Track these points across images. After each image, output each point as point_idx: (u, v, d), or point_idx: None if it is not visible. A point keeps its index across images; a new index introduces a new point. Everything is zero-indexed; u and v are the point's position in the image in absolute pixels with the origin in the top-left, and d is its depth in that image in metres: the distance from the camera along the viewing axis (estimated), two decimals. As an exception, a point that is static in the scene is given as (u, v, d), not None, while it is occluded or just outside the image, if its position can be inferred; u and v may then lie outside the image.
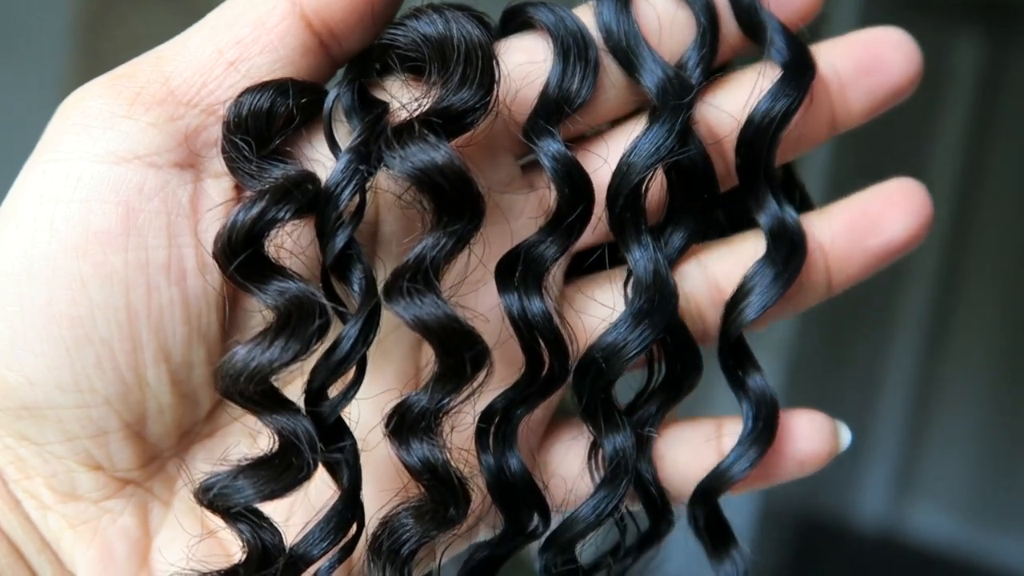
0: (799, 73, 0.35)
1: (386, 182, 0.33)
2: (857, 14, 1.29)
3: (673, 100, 0.34)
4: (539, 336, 0.33)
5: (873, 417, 1.95)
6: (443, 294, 0.31)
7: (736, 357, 0.37)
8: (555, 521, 0.36)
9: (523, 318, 0.33)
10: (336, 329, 0.31)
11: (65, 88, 0.32)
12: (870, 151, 1.40)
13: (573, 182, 0.33)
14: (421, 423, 0.31)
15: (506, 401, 0.34)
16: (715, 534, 0.37)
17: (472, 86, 0.31)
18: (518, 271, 0.33)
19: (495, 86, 0.32)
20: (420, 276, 0.31)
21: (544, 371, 0.34)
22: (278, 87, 0.31)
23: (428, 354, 0.35)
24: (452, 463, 0.32)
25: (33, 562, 0.32)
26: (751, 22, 0.36)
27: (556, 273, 0.36)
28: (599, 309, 0.36)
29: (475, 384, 0.32)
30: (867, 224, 0.37)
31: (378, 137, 0.31)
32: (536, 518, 0.35)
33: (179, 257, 0.31)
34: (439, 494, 0.32)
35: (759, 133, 0.35)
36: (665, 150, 0.34)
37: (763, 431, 0.36)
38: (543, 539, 0.36)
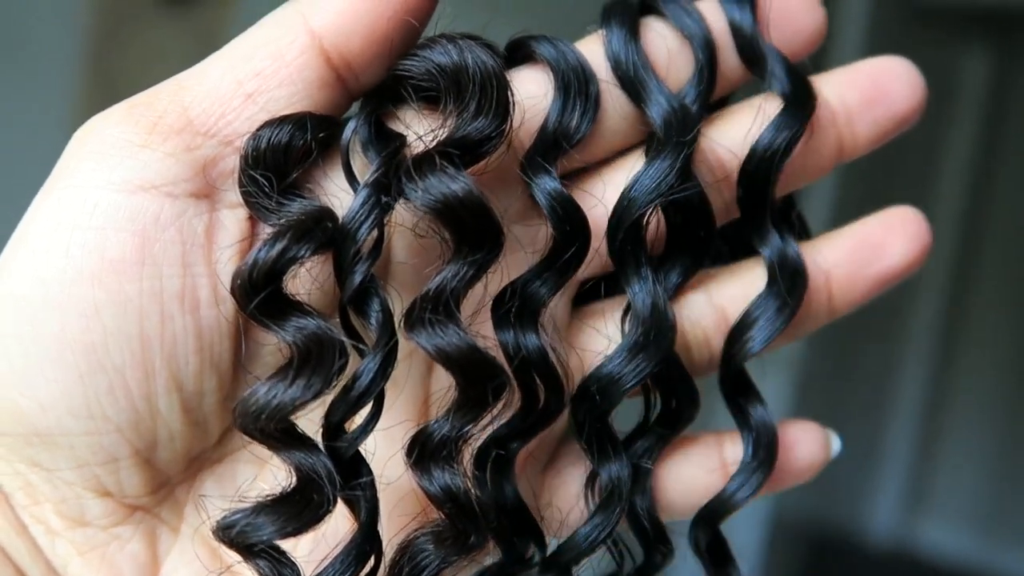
0: (800, 105, 0.35)
1: (401, 214, 0.33)
2: (865, 29, 1.30)
3: (677, 135, 0.34)
4: (534, 372, 0.33)
5: (884, 431, 1.94)
6: (463, 324, 0.31)
7: (738, 388, 0.37)
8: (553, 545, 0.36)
9: (518, 354, 0.33)
10: (353, 363, 0.31)
11: (76, 105, 0.32)
12: (878, 164, 1.40)
13: (568, 220, 0.33)
14: (442, 451, 0.32)
15: (502, 435, 0.34)
16: (716, 556, 0.38)
17: (488, 115, 0.31)
18: (514, 307, 0.33)
19: (510, 115, 0.32)
20: (441, 307, 0.31)
21: (540, 406, 0.34)
22: (296, 121, 0.31)
23: (439, 382, 0.35)
24: (473, 490, 0.32)
25: None
26: (752, 53, 0.36)
27: (560, 303, 0.36)
28: (599, 340, 0.37)
29: (495, 412, 0.32)
30: (869, 251, 0.38)
31: (396, 170, 0.31)
32: (532, 547, 0.35)
33: (193, 287, 0.31)
34: (461, 522, 0.32)
35: (761, 165, 0.35)
36: (666, 186, 0.34)
37: (764, 460, 0.37)
38: (540, 563, 0.36)
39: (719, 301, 0.37)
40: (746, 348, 0.36)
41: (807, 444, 0.38)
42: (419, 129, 0.33)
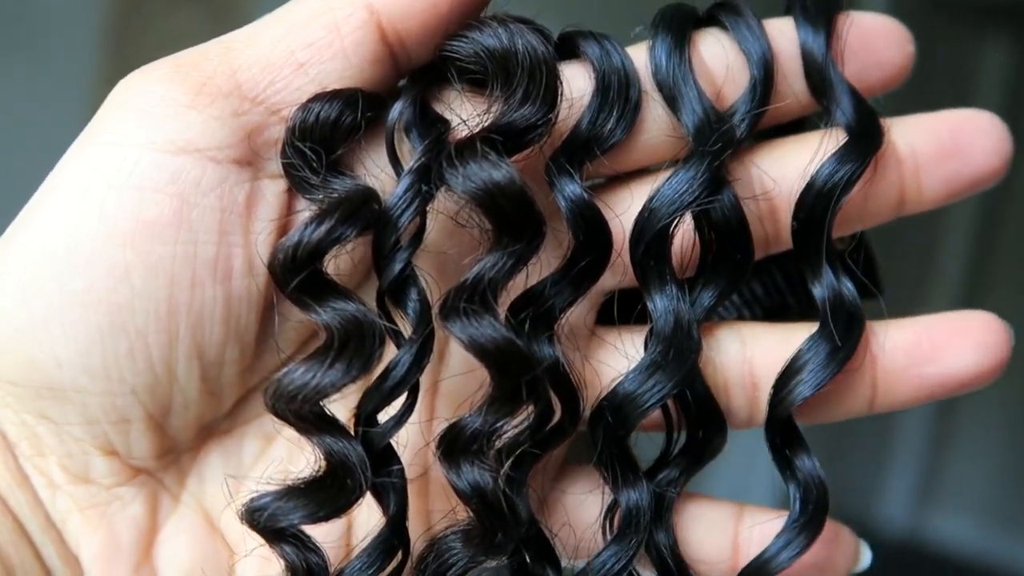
0: (865, 139, 0.33)
1: (442, 202, 0.32)
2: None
3: (709, 144, 0.32)
4: (549, 384, 0.32)
5: (895, 423, 1.94)
6: (500, 316, 0.30)
7: (784, 437, 0.34)
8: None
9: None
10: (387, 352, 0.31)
11: (93, 89, 0.32)
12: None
13: (587, 227, 0.32)
14: (472, 446, 0.31)
15: (514, 445, 0.33)
16: None
17: (535, 103, 0.31)
18: (529, 314, 0.32)
19: (558, 103, 0.31)
20: (478, 297, 0.30)
21: (554, 418, 0.33)
22: (347, 98, 0.31)
23: (448, 369, 0.35)
24: (503, 488, 0.31)
25: (37, 540, 0.31)
26: (821, 81, 0.34)
27: (583, 316, 0.35)
28: (621, 360, 0.35)
29: (530, 409, 0.31)
30: (929, 349, 0.34)
31: (438, 156, 0.30)
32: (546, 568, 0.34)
33: (227, 256, 0.31)
34: (488, 519, 0.31)
35: (819, 199, 0.33)
36: (690, 196, 0.32)
37: (812, 519, 0.34)
38: None
39: (751, 353, 0.35)
40: (794, 394, 0.33)
41: (837, 548, 0.35)
42: (463, 113, 0.32)
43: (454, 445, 0.31)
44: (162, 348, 0.31)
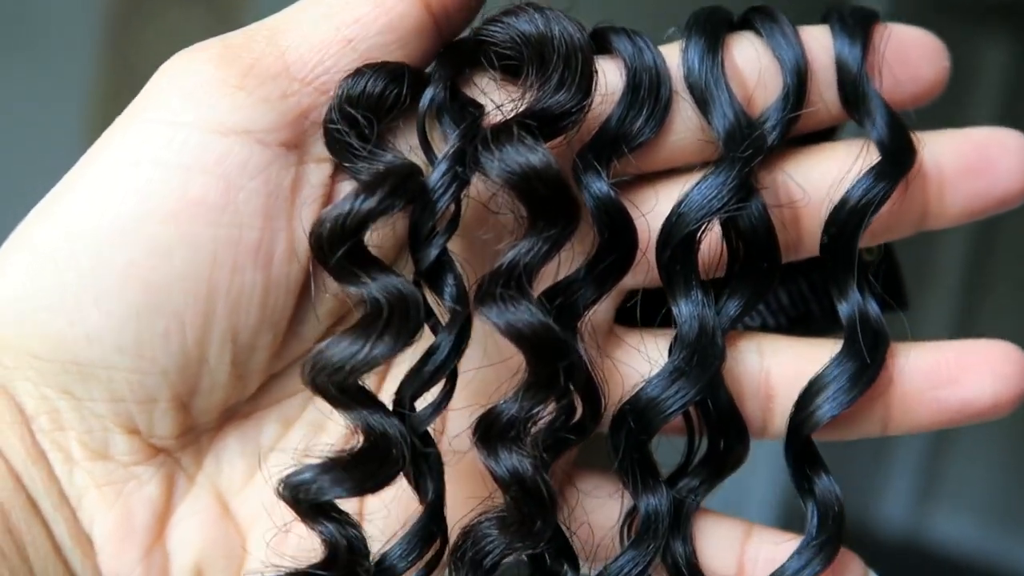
0: (898, 158, 0.33)
1: (475, 188, 0.32)
2: (885, 18, 1.29)
3: (739, 150, 0.32)
4: (571, 382, 0.32)
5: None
6: (535, 301, 0.30)
7: (803, 454, 0.34)
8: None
9: None
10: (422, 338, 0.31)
11: (93, 87, 0.32)
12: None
13: (613, 225, 0.32)
14: (510, 432, 0.31)
15: (548, 436, 0.32)
16: None
17: (570, 89, 0.31)
18: (552, 311, 0.32)
19: (593, 90, 0.31)
20: (514, 282, 0.30)
21: (575, 415, 0.33)
22: (394, 71, 0.31)
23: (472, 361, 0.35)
24: (541, 474, 0.31)
25: (49, 518, 0.31)
26: (854, 93, 0.33)
27: (602, 313, 0.35)
28: (640, 362, 0.34)
29: (569, 395, 0.31)
30: (947, 374, 0.34)
31: (473, 140, 0.30)
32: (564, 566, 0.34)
33: (270, 241, 0.31)
34: (526, 506, 0.31)
35: (852, 215, 0.33)
36: (719, 202, 0.32)
37: (829, 540, 0.33)
38: None
39: (768, 365, 0.35)
40: (818, 415, 0.33)
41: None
42: (497, 98, 0.32)
43: (490, 431, 0.31)
44: (196, 330, 0.30)
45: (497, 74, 0.32)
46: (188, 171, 0.30)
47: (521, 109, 0.31)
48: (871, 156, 0.33)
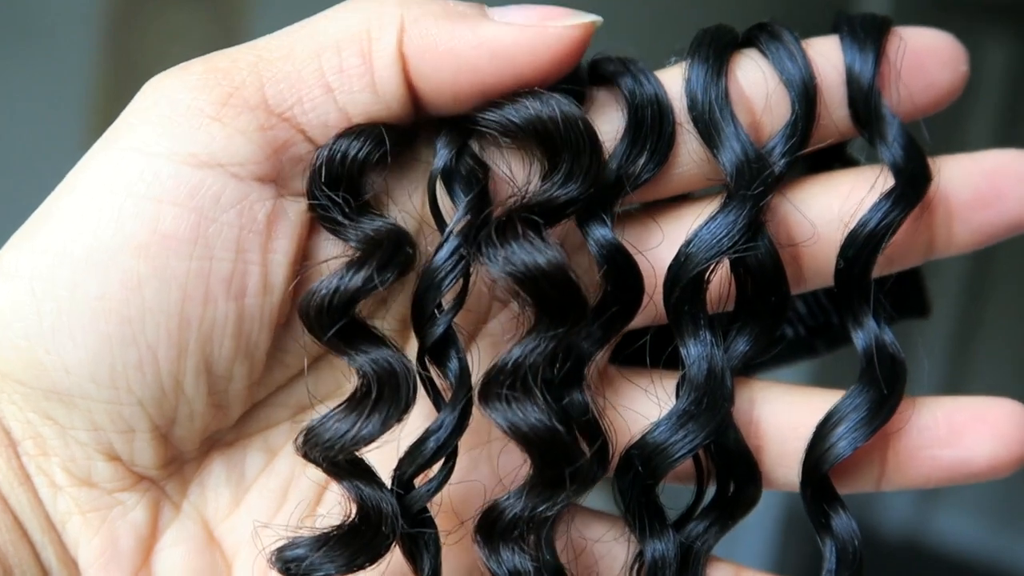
0: (915, 181, 0.32)
1: (483, 269, 0.31)
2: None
3: (748, 187, 0.31)
4: (577, 430, 0.31)
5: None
6: (541, 402, 0.30)
7: (819, 491, 0.33)
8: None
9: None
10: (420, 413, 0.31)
11: (94, 87, 0.31)
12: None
13: (619, 273, 0.31)
14: (512, 532, 0.30)
15: (541, 510, 0.32)
16: None
17: (579, 180, 0.30)
18: (558, 359, 0.31)
19: (601, 177, 0.30)
20: (519, 382, 0.29)
21: (584, 484, 0.32)
22: (374, 135, 0.30)
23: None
24: (545, 573, 0.30)
25: (36, 541, 0.31)
26: (866, 111, 0.32)
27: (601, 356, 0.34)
28: (647, 403, 0.34)
29: (573, 495, 0.30)
30: (945, 432, 0.33)
31: (480, 226, 0.30)
32: None
33: (243, 273, 0.30)
34: None
35: (871, 238, 0.31)
36: (729, 242, 0.31)
37: None
38: None
39: (759, 414, 0.34)
40: (838, 448, 0.32)
41: None
42: (503, 168, 0.31)
43: (493, 530, 0.30)
44: (171, 362, 0.30)
45: (504, 147, 0.31)
46: (160, 204, 0.29)
47: (526, 198, 0.30)
48: (884, 182, 0.32)
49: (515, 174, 0.31)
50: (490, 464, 0.34)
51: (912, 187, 0.32)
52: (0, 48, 0.95)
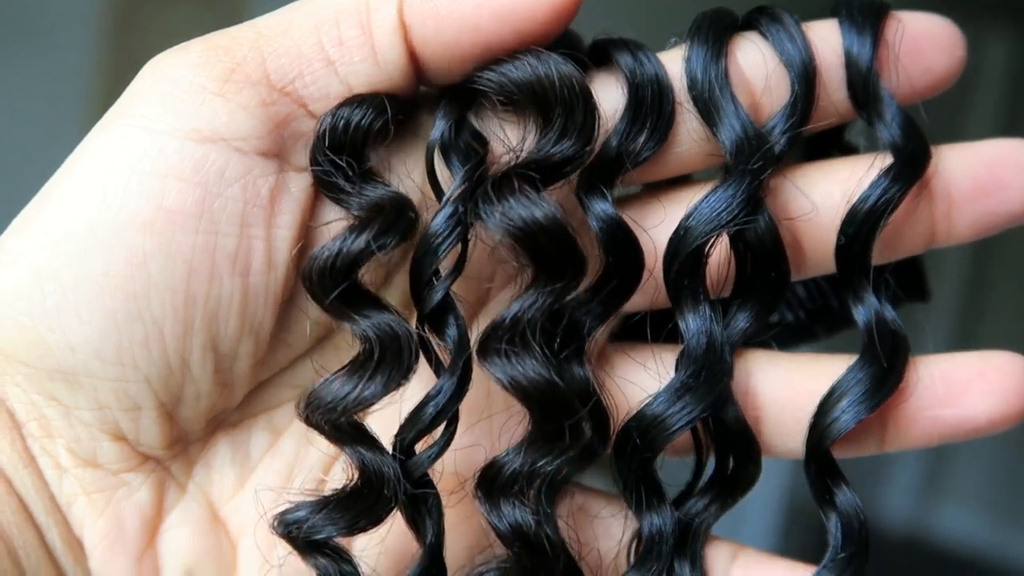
0: (914, 160, 0.32)
1: (482, 232, 0.31)
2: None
3: (747, 163, 0.31)
4: (579, 404, 0.31)
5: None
6: (540, 356, 0.30)
7: (823, 467, 0.33)
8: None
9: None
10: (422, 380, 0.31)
11: (95, 85, 0.31)
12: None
13: (619, 247, 0.31)
14: (512, 487, 0.30)
15: (554, 481, 0.32)
16: None
17: (573, 136, 0.30)
18: (559, 334, 0.31)
19: (595, 136, 0.31)
20: (517, 337, 0.30)
21: (582, 440, 0.32)
22: (376, 103, 0.30)
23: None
24: (546, 528, 0.30)
25: (41, 523, 0.31)
26: (864, 92, 0.32)
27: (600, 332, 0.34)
28: (646, 379, 0.34)
29: (573, 450, 0.31)
30: (944, 391, 0.33)
31: (478, 186, 0.30)
32: None
33: (248, 249, 0.30)
34: (530, 561, 0.30)
35: (871, 215, 0.32)
36: (728, 215, 0.31)
37: (856, 554, 0.32)
38: None
39: (756, 383, 0.34)
40: (840, 423, 0.32)
41: None
42: (500, 135, 0.32)
43: (493, 485, 0.31)
44: (177, 339, 0.30)
45: (501, 113, 0.32)
46: (165, 179, 0.30)
47: (522, 157, 0.30)
48: (883, 163, 0.32)
49: (512, 141, 0.31)
50: (491, 438, 0.34)
51: (911, 165, 0.32)
52: (0, 48, 0.95)
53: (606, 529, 0.35)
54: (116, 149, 0.30)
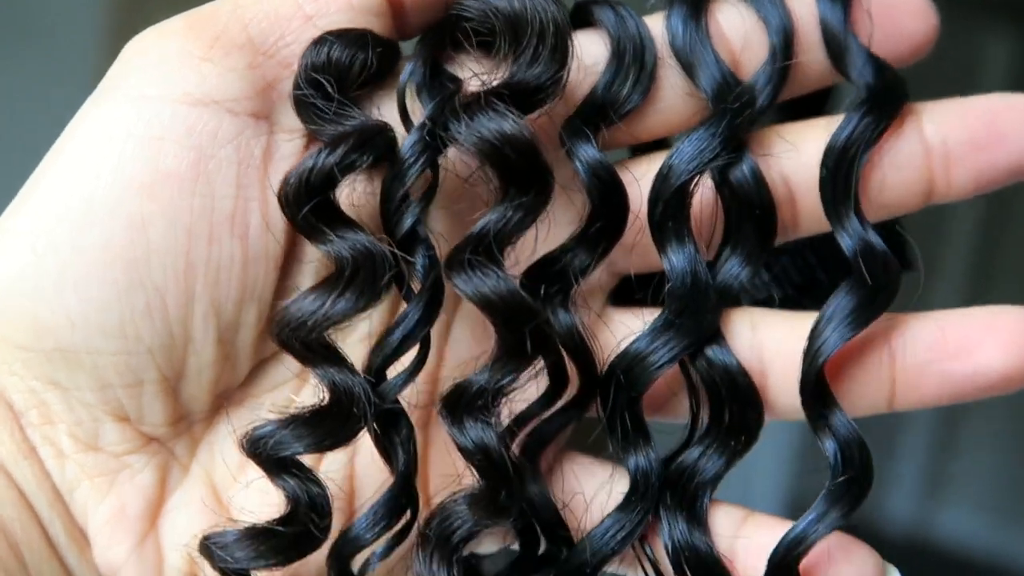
0: (887, 94, 0.32)
1: (452, 161, 0.32)
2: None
3: (729, 103, 0.32)
4: (564, 350, 0.32)
5: (902, 417, 1.93)
6: (505, 269, 0.30)
7: (818, 394, 0.32)
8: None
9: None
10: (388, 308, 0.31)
11: (92, 85, 0.32)
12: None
13: (603, 188, 0.32)
14: (477, 402, 0.30)
15: (530, 416, 0.32)
16: None
17: (544, 62, 0.30)
18: (544, 281, 0.32)
19: (568, 63, 0.31)
20: (482, 250, 0.30)
21: (569, 389, 0.32)
22: (358, 37, 0.31)
23: (457, 335, 0.35)
24: (508, 446, 0.31)
25: (43, 516, 0.31)
26: (838, 48, 0.33)
27: (597, 295, 0.35)
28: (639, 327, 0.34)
29: (537, 366, 0.31)
30: (953, 346, 0.32)
31: (451, 115, 0.30)
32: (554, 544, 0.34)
33: (245, 210, 0.31)
34: (491, 477, 0.31)
35: (848, 145, 0.32)
36: (710, 153, 0.32)
37: (856, 478, 0.31)
38: (555, 569, 0.34)
39: (761, 339, 0.34)
40: (827, 345, 0.32)
41: (856, 569, 0.33)
42: (476, 68, 0.32)
43: (458, 402, 0.31)
44: (179, 306, 0.31)
45: (476, 52, 0.32)
46: (160, 142, 0.30)
47: (496, 83, 0.31)
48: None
49: (486, 77, 0.32)
50: None
51: (885, 98, 0.32)
52: (0, 48, 0.95)
53: (591, 476, 0.35)
54: (109, 119, 0.30)
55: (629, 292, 0.35)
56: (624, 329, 0.34)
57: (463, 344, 0.34)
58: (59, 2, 0.96)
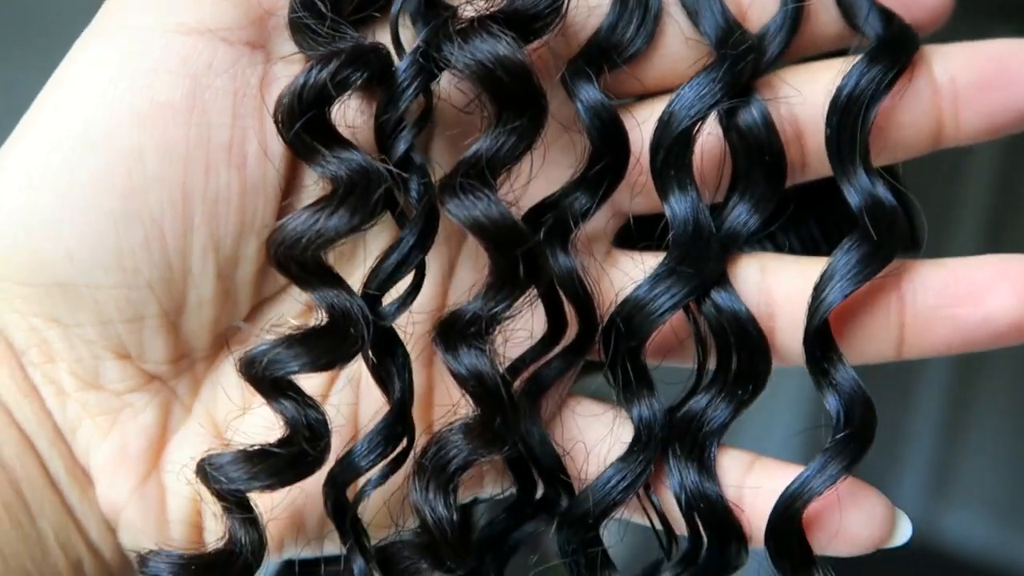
0: (896, 43, 0.32)
1: (448, 91, 0.32)
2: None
3: (730, 47, 0.31)
4: (563, 293, 0.32)
5: (906, 421, 1.93)
6: (497, 193, 0.30)
7: (821, 347, 0.32)
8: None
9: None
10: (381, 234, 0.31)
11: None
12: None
13: (603, 128, 0.32)
14: (471, 329, 0.30)
15: (529, 360, 0.32)
16: (796, 559, 0.32)
17: None
18: (545, 224, 0.32)
19: None
20: (475, 174, 0.29)
21: (568, 333, 0.32)
22: None
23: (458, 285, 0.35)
24: (501, 373, 0.30)
25: (44, 454, 0.31)
26: (850, 4, 0.33)
27: (601, 239, 0.34)
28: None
29: (530, 293, 0.31)
30: (963, 291, 0.32)
31: (445, 40, 0.30)
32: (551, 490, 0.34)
33: (242, 139, 0.30)
34: (485, 404, 0.30)
35: (853, 100, 0.31)
36: (712, 98, 0.31)
37: (856, 434, 0.31)
38: (556, 521, 0.34)
39: (770, 283, 0.33)
40: (829, 298, 0.31)
41: (865, 514, 0.32)
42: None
43: (452, 329, 0.31)
44: (177, 238, 0.30)
45: None
46: (154, 73, 0.29)
47: (491, 10, 0.30)
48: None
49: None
50: None
51: (893, 48, 0.31)
52: (0, 48, 0.95)
53: (592, 424, 0.34)
54: (102, 52, 0.30)
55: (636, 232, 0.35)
56: (627, 279, 0.34)
57: (468, 283, 0.34)
58: (59, 2, 0.96)
